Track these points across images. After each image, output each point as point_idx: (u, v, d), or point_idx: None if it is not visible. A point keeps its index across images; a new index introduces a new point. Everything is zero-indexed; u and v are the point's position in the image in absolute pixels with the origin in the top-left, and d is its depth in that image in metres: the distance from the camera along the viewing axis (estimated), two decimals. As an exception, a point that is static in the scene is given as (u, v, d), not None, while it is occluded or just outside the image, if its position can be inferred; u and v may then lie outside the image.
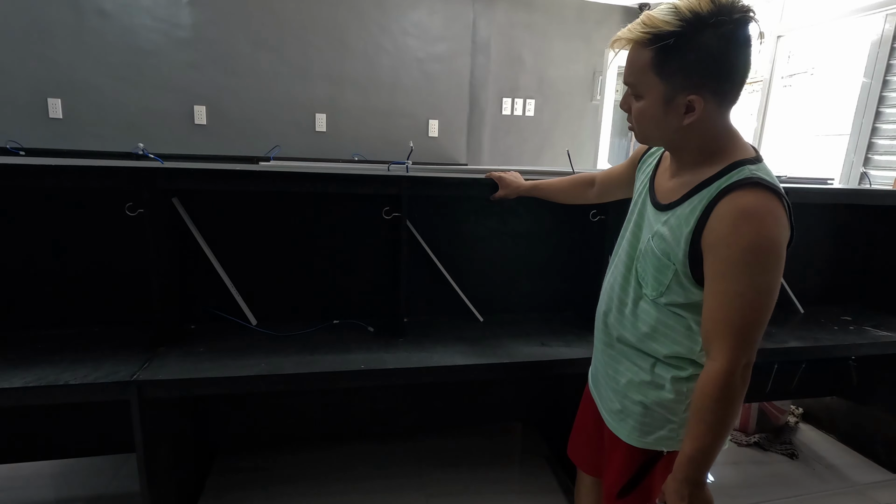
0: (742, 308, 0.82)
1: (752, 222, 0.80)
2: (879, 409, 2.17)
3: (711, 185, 0.86)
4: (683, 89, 0.82)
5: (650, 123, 0.89)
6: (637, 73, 0.85)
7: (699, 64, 0.80)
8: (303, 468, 1.94)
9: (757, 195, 0.81)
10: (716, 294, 0.85)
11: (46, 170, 1.33)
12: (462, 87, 4.06)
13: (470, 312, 1.84)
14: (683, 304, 0.93)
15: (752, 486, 1.98)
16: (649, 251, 0.95)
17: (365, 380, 1.43)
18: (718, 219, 0.83)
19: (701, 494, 0.88)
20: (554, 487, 1.91)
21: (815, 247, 2.18)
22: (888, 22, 2.88)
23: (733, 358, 0.83)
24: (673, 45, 0.79)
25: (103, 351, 1.42)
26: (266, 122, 3.73)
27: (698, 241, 0.86)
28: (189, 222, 1.58)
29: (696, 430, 0.86)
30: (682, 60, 0.80)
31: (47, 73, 3.28)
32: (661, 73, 0.82)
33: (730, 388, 0.83)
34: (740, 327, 0.82)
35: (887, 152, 2.89)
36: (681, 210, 0.90)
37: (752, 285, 0.81)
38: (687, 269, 0.89)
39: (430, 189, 1.64)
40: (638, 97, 0.88)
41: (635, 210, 1.05)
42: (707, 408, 0.85)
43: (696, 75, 0.81)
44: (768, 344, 1.72)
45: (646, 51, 0.82)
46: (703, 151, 0.89)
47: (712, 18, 0.77)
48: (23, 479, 1.80)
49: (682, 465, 0.88)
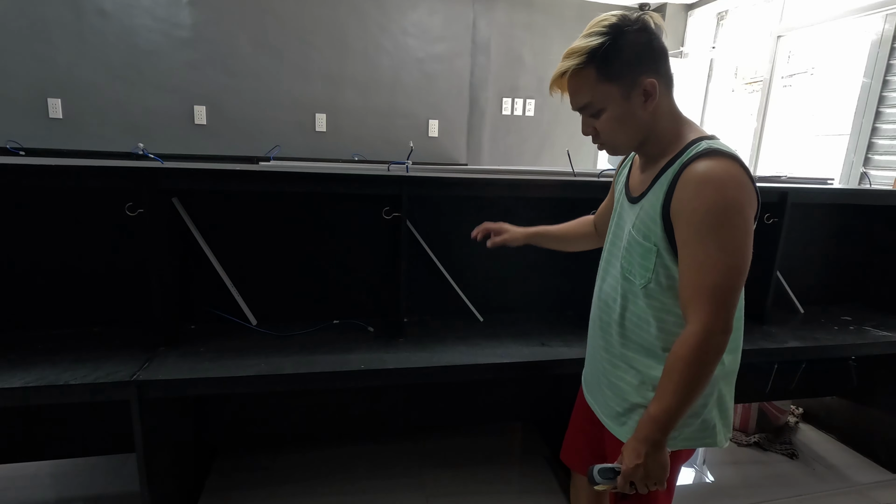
0: (713, 270, 0.84)
1: (712, 186, 0.85)
2: (879, 409, 2.17)
3: (675, 163, 0.92)
4: (634, 80, 0.90)
5: (620, 127, 0.94)
6: (588, 91, 0.92)
7: (634, 54, 0.89)
8: (303, 468, 1.94)
9: (716, 161, 0.86)
10: (687, 260, 0.88)
11: (46, 170, 1.33)
12: (462, 87, 4.06)
13: (470, 312, 1.84)
14: (672, 288, 0.94)
15: (752, 486, 1.98)
16: (632, 242, 0.98)
17: (365, 380, 1.43)
18: (682, 187, 0.88)
19: (658, 456, 0.89)
20: (554, 487, 1.91)
21: (815, 247, 2.18)
22: (888, 22, 2.88)
23: (707, 322, 0.84)
24: (606, 50, 0.88)
25: (103, 351, 1.42)
26: (266, 122, 3.73)
27: (669, 214, 0.90)
28: (189, 222, 1.58)
29: (664, 390, 0.88)
30: (620, 58, 0.89)
31: (47, 73, 3.28)
32: (610, 78, 0.90)
33: (702, 351, 0.85)
34: (712, 290, 0.84)
35: (887, 152, 2.89)
36: (652, 192, 0.95)
37: (720, 247, 0.84)
38: (666, 244, 0.92)
39: (430, 189, 1.64)
40: (598, 113, 0.94)
41: (615, 213, 1.10)
42: (677, 370, 0.86)
43: (637, 63, 0.90)
44: (768, 344, 1.72)
45: (587, 70, 0.90)
46: (665, 138, 0.96)
47: (623, 23, 0.90)
48: (23, 479, 1.80)
49: (644, 424, 0.89)
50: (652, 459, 0.88)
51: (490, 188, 1.69)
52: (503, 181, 1.69)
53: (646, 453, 0.88)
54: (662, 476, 0.90)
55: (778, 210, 1.83)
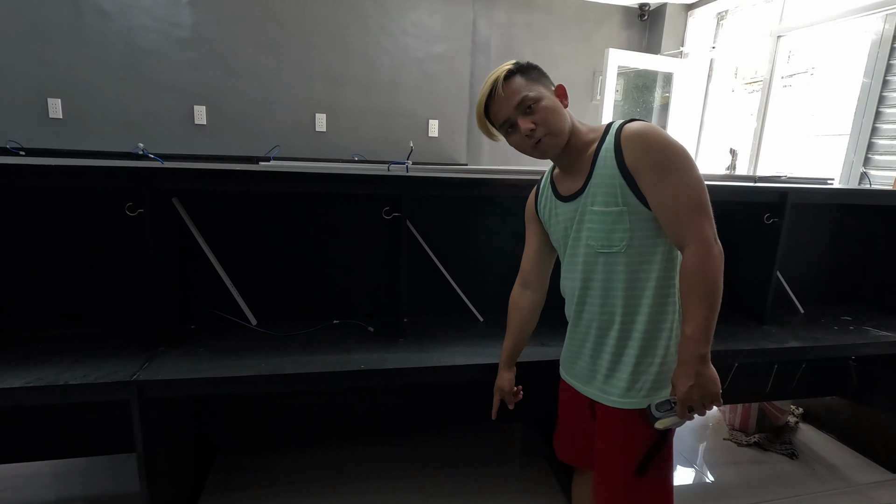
0: (687, 194, 0.95)
1: (652, 134, 0.97)
2: (879, 409, 2.17)
3: (604, 142, 1.03)
4: (548, 85, 1.08)
5: (556, 114, 1.05)
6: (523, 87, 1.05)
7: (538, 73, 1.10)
8: (303, 468, 1.94)
9: (641, 123, 1.00)
10: (663, 197, 0.97)
11: (46, 170, 1.33)
12: (462, 87, 4.06)
13: (470, 312, 1.84)
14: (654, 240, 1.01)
15: (752, 486, 1.98)
16: (596, 218, 1.03)
17: (365, 380, 1.43)
18: (628, 146, 0.98)
19: (706, 371, 0.94)
20: (554, 487, 1.91)
21: (815, 247, 2.18)
22: (888, 22, 2.88)
23: (702, 235, 0.94)
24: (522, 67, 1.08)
25: (103, 351, 1.42)
26: (266, 122, 3.73)
27: (628, 173, 0.98)
28: (189, 222, 1.58)
29: (689, 309, 0.95)
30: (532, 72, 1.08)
31: (47, 73, 3.28)
32: (533, 80, 1.07)
33: (710, 260, 0.94)
34: (694, 208, 0.95)
35: (887, 152, 2.89)
36: (596, 171, 1.03)
37: (684, 173, 0.95)
38: (634, 198, 0.99)
39: (430, 189, 1.64)
40: (536, 101, 1.04)
41: (555, 228, 1.15)
42: (695, 284, 0.94)
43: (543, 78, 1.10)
44: (768, 344, 1.72)
45: (515, 77, 1.07)
46: (582, 137, 1.08)
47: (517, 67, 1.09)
48: (23, 479, 1.80)
49: (684, 346, 0.95)
50: (703, 377, 0.94)
51: (490, 188, 1.69)
52: (503, 181, 1.69)
53: (696, 372, 0.93)
54: (716, 390, 0.95)
55: (778, 210, 1.83)
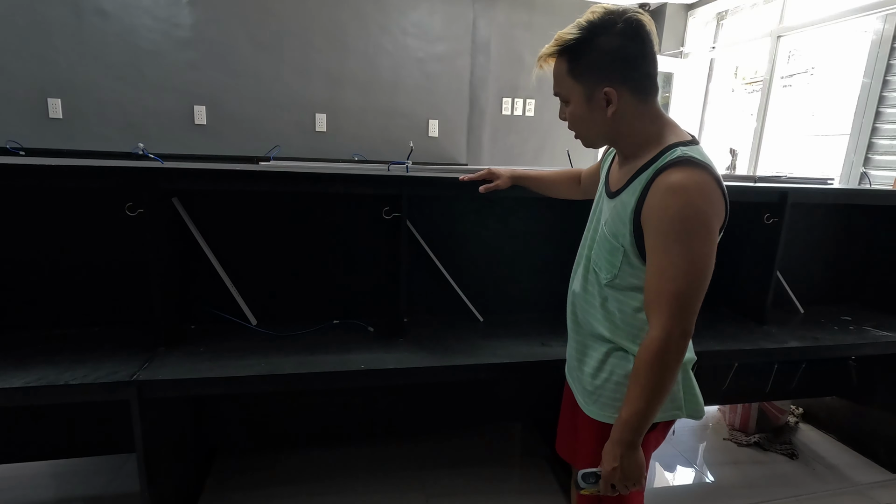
0: (675, 278, 0.87)
1: (679, 195, 0.87)
2: (879, 409, 2.16)
3: (650, 167, 0.94)
4: (597, 84, 0.92)
5: (583, 123, 0.99)
6: (559, 81, 0.98)
7: (602, 60, 0.91)
8: (303, 468, 1.94)
9: (686, 171, 0.88)
10: (652, 266, 0.91)
11: (46, 170, 1.33)
12: (462, 87, 4.06)
13: (470, 312, 1.84)
14: (638, 287, 0.98)
15: (752, 486, 1.98)
16: (603, 237, 1.02)
17: (365, 380, 1.42)
18: (653, 195, 0.90)
19: (633, 456, 0.93)
20: (554, 488, 1.91)
21: (815, 247, 2.18)
22: (888, 22, 2.88)
23: (668, 327, 0.88)
24: (576, 48, 0.92)
25: (103, 351, 1.42)
26: (266, 122, 3.73)
27: (640, 219, 0.93)
28: (189, 222, 1.58)
29: (632, 394, 0.92)
30: (587, 60, 0.92)
31: (47, 73, 3.28)
32: (576, 76, 0.94)
33: (664, 355, 0.88)
34: (674, 296, 0.87)
35: (887, 152, 2.89)
36: (625, 193, 0.97)
37: (683, 255, 0.87)
38: (634, 247, 0.95)
39: (430, 189, 1.64)
40: (566, 103, 0.99)
41: (596, 204, 1.12)
42: (643, 374, 0.90)
43: (602, 70, 0.92)
44: (768, 344, 1.72)
45: (561, 61, 0.95)
46: (638, 140, 0.97)
47: (604, 23, 0.90)
48: (23, 479, 1.80)
49: (618, 427, 0.93)
50: (628, 460, 0.92)
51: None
52: (503, 181, 1.69)
53: (621, 455, 0.92)
54: (639, 476, 0.94)
55: (778, 210, 1.83)
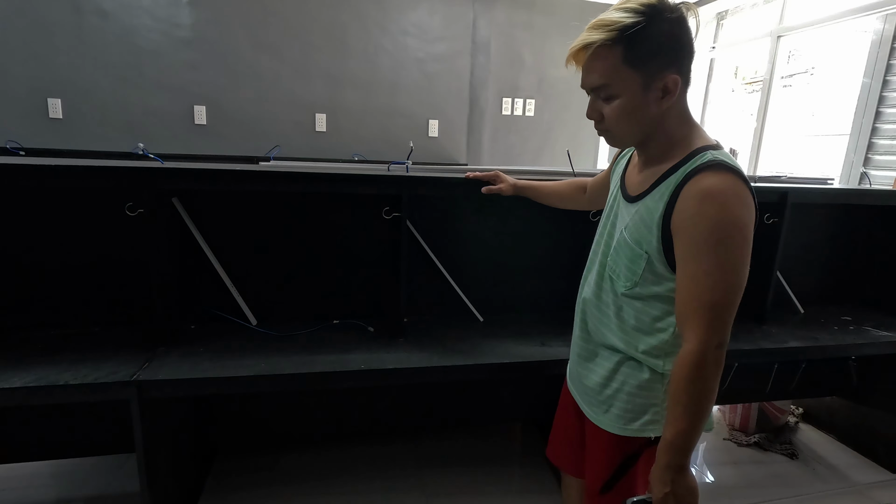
0: (711, 288, 0.84)
1: (715, 202, 0.83)
2: (879, 409, 2.17)
3: (678, 170, 0.90)
4: (659, 72, 0.86)
5: (628, 119, 0.91)
6: (609, 73, 0.87)
7: (666, 45, 0.85)
8: (303, 468, 1.94)
9: (720, 177, 0.84)
10: (685, 276, 0.87)
11: (46, 170, 1.33)
12: (462, 87, 4.06)
13: (470, 312, 1.84)
14: (659, 295, 0.94)
15: (752, 486, 1.98)
16: (622, 243, 0.98)
17: (365, 380, 1.43)
18: (684, 201, 0.86)
19: (683, 480, 0.88)
20: (554, 488, 1.91)
21: (815, 247, 2.18)
22: (888, 22, 2.88)
23: (704, 338, 0.84)
24: (639, 32, 0.83)
25: (103, 351, 1.42)
26: (266, 122, 3.73)
27: (668, 225, 0.89)
28: (189, 222, 1.58)
29: (674, 413, 0.88)
30: (651, 45, 0.85)
31: (47, 73, 3.28)
32: (635, 64, 0.85)
33: (702, 368, 0.85)
34: (710, 307, 0.84)
35: (887, 152, 2.89)
36: (650, 198, 0.93)
37: (719, 264, 0.83)
38: (661, 254, 0.91)
39: (430, 189, 1.64)
40: (611, 98, 0.90)
41: (610, 209, 1.07)
42: (682, 390, 0.86)
43: (666, 56, 0.86)
44: (768, 344, 1.72)
45: (614, 49, 0.85)
46: (670, 140, 0.93)
47: (661, 7, 0.85)
48: (23, 479, 1.80)
49: (664, 450, 0.89)
50: (679, 485, 0.88)
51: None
52: (503, 181, 1.69)
53: (671, 480, 0.87)
54: (693, 500, 0.89)
55: (778, 210, 1.83)
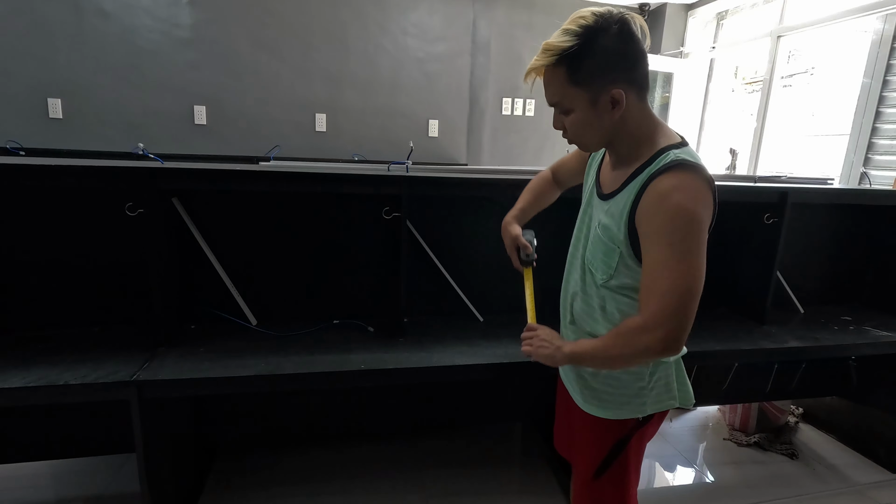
0: (668, 276, 0.89)
1: (671, 198, 0.89)
2: (879, 409, 2.17)
3: (643, 171, 0.96)
4: (603, 87, 0.91)
5: (586, 130, 0.98)
6: (558, 91, 0.95)
7: (606, 62, 0.90)
8: (303, 468, 1.94)
9: (678, 176, 0.90)
10: (646, 266, 0.93)
11: (46, 170, 1.33)
12: (462, 87, 4.06)
13: (470, 312, 1.84)
14: (634, 287, 0.99)
15: (752, 486, 1.98)
16: (597, 238, 1.04)
17: (365, 380, 1.43)
18: (646, 198, 0.93)
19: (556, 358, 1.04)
20: (554, 488, 1.91)
21: (815, 247, 2.18)
22: (888, 22, 2.88)
23: (649, 319, 0.90)
24: (577, 54, 0.89)
25: (103, 351, 1.42)
26: (266, 122, 3.73)
27: (633, 221, 0.95)
28: (189, 222, 1.58)
29: (594, 343, 0.98)
30: (590, 65, 0.90)
31: (47, 73, 3.28)
32: (579, 82, 0.92)
33: (633, 339, 0.92)
34: (664, 292, 0.89)
35: (887, 152, 2.89)
36: (620, 196, 0.99)
37: (674, 253, 0.89)
38: (629, 249, 0.97)
39: (430, 189, 1.64)
40: (567, 112, 0.97)
41: (587, 204, 1.13)
42: (610, 339, 0.96)
43: (607, 72, 0.91)
44: (768, 344, 1.72)
45: (558, 70, 0.92)
46: (634, 141, 0.98)
47: (599, 25, 0.89)
48: (23, 479, 1.80)
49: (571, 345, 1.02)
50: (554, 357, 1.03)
51: (490, 188, 1.69)
52: (503, 181, 1.69)
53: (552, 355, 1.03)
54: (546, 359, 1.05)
55: (778, 210, 1.83)
